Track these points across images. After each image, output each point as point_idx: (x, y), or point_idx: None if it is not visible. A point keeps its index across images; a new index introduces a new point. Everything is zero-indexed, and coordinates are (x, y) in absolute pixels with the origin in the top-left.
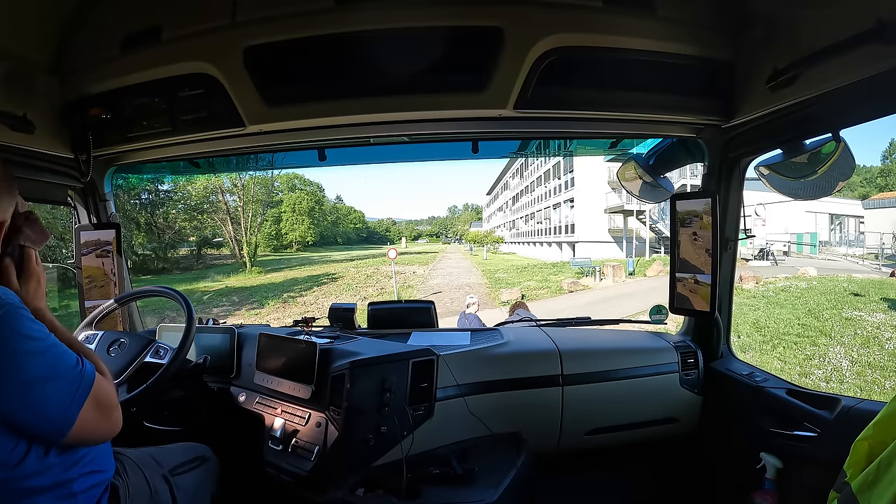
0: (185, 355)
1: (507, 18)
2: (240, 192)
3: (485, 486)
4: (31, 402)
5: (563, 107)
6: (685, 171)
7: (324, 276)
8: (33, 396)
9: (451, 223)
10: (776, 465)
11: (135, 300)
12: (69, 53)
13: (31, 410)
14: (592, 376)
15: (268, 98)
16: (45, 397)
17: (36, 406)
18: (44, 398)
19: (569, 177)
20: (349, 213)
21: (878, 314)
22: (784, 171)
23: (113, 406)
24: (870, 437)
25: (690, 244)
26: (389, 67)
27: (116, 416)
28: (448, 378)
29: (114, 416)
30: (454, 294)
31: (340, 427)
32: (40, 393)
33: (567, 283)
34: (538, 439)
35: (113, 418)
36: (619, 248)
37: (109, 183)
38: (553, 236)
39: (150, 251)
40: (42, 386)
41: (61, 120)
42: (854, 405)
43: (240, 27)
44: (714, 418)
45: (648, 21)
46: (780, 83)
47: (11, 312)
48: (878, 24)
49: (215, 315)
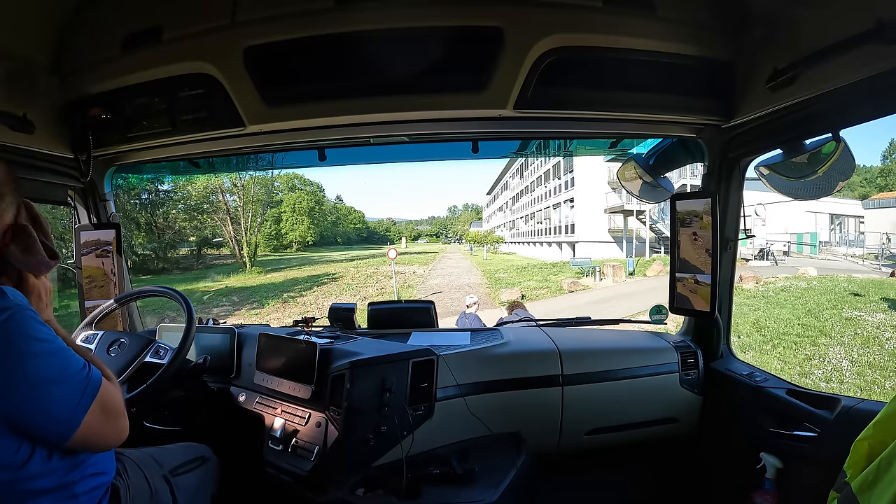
0: (185, 355)
1: (507, 18)
2: (240, 192)
3: (485, 486)
4: (36, 403)
5: (563, 107)
6: (685, 171)
7: (324, 276)
8: (39, 397)
9: (451, 223)
10: (776, 465)
11: (135, 300)
12: (69, 53)
13: (37, 411)
14: (592, 376)
15: (268, 98)
16: (51, 399)
17: (41, 407)
18: (50, 399)
19: (569, 177)
20: (349, 213)
21: (878, 314)
22: (784, 171)
23: (120, 412)
24: (870, 437)
25: (690, 244)
26: (389, 67)
27: (123, 423)
28: (448, 378)
29: (120, 422)
30: (454, 294)
31: (340, 427)
32: (46, 394)
33: (567, 283)
34: (538, 439)
35: (119, 425)
36: (619, 248)
37: (109, 183)
38: (553, 236)
39: (150, 251)
40: (48, 387)
41: (61, 120)
42: (854, 405)
43: (240, 27)
44: (714, 418)
45: (648, 21)
46: (780, 83)
47: (19, 314)
48: (878, 24)
49: (215, 315)
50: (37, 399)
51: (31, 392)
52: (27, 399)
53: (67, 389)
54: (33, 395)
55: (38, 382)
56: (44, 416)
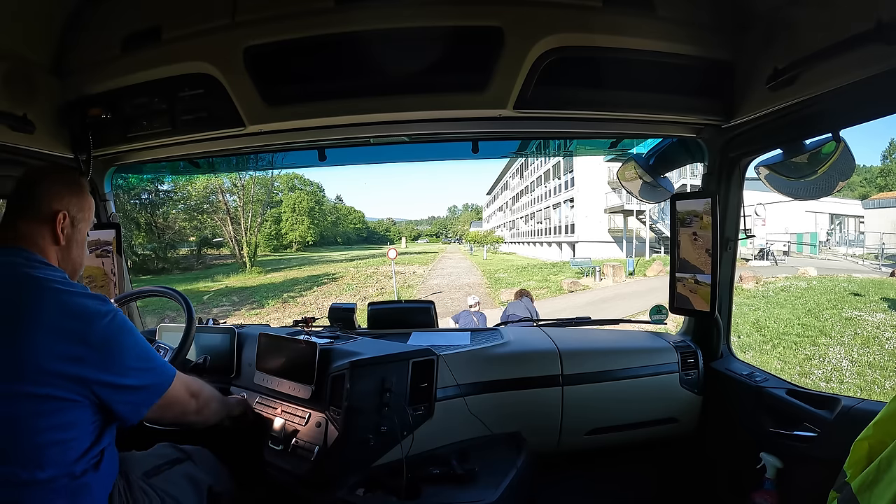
0: (185, 355)
1: (507, 18)
2: (240, 192)
3: (485, 486)
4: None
5: (563, 107)
6: (685, 171)
7: (324, 276)
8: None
9: (451, 223)
10: (776, 465)
11: (135, 300)
12: (69, 53)
13: (140, 364)
14: (592, 376)
15: (268, 98)
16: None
17: (144, 362)
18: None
19: (569, 177)
20: (349, 213)
21: (878, 314)
22: (784, 171)
23: (200, 392)
24: (870, 437)
25: (690, 244)
26: (389, 67)
27: (203, 404)
28: (448, 378)
29: (201, 399)
30: (454, 294)
31: (340, 427)
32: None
33: (567, 283)
34: (538, 439)
35: (201, 401)
36: (619, 248)
37: (109, 183)
38: (553, 236)
39: (150, 251)
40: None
41: (61, 120)
42: (854, 405)
43: (240, 27)
44: (714, 418)
45: (648, 21)
46: (780, 83)
47: (120, 314)
48: (878, 24)
49: (215, 315)
50: (132, 379)
51: (130, 373)
52: (126, 379)
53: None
54: (132, 376)
55: (133, 368)
56: (146, 362)
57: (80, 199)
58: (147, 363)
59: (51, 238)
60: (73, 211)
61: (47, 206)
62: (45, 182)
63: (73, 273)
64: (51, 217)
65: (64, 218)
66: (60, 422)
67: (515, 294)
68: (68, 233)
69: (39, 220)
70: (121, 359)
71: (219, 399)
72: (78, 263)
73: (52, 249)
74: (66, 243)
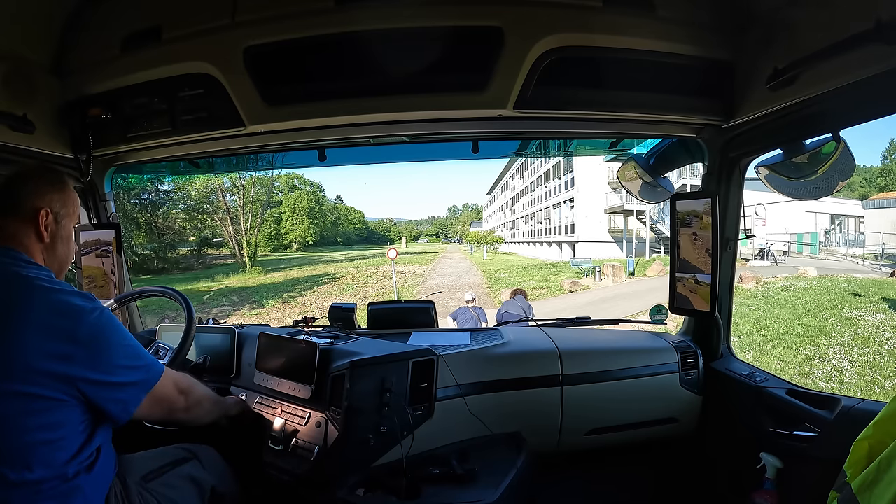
0: (185, 355)
1: (507, 18)
2: (240, 192)
3: (485, 486)
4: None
5: (563, 107)
6: (685, 171)
7: (324, 276)
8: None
9: (452, 223)
10: (776, 465)
11: (135, 300)
12: (69, 53)
13: (128, 362)
14: (592, 376)
15: (268, 98)
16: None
17: (130, 359)
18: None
19: (569, 177)
20: (349, 213)
21: (878, 314)
22: (784, 171)
23: (190, 390)
24: (870, 437)
25: (690, 244)
26: (389, 67)
27: (194, 402)
28: (448, 378)
29: (191, 396)
30: (454, 294)
31: (340, 427)
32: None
33: (567, 283)
34: (538, 439)
35: (191, 399)
36: (619, 248)
37: (109, 183)
38: (553, 236)
39: (150, 251)
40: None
41: (61, 120)
42: (854, 405)
43: (240, 27)
44: (714, 418)
45: (648, 21)
46: (780, 83)
47: (106, 311)
48: (877, 24)
49: (215, 315)
50: (119, 376)
51: (118, 371)
52: (113, 377)
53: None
54: (119, 373)
55: (120, 365)
56: (134, 359)
57: (63, 195)
58: (135, 359)
59: (35, 236)
60: (55, 207)
61: (29, 205)
62: (26, 181)
63: (60, 270)
64: (33, 215)
65: (46, 215)
66: (48, 421)
67: (510, 293)
68: (52, 230)
69: (23, 219)
70: (108, 355)
71: (212, 398)
72: (64, 260)
73: (38, 248)
74: (50, 241)
